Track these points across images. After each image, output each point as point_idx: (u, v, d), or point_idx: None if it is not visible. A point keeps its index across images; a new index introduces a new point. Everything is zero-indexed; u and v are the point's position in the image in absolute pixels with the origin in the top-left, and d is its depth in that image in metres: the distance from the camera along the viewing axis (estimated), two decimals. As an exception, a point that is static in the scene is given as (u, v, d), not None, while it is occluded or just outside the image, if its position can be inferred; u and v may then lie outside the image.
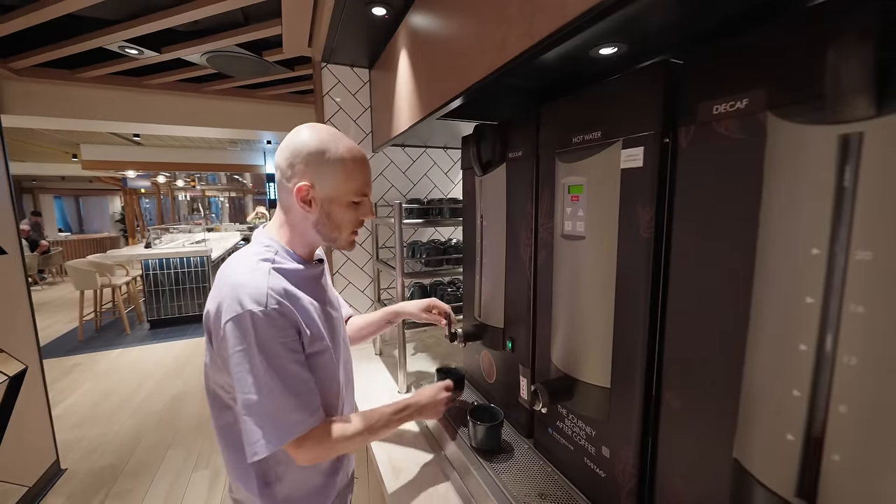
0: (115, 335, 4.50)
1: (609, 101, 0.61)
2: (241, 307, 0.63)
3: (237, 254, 0.72)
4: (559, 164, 0.72)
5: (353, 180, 0.73)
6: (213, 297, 0.68)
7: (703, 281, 0.50)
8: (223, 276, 0.68)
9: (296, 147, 0.70)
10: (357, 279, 1.68)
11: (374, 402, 1.23)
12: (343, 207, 0.73)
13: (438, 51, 0.94)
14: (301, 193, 0.70)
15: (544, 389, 0.68)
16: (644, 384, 0.60)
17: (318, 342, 0.72)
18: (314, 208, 0.72)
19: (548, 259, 0.78)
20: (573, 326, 0.70)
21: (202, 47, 1.66)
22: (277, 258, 0.72)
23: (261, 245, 0.73)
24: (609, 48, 0.68)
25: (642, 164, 0.56)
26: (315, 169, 0.70)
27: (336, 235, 0.76)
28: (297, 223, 0.74)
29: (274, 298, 0.65)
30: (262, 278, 0.66)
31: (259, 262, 0.69)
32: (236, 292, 0.64)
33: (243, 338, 0.63)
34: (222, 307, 0.65)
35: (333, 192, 0.72)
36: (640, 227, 0.57)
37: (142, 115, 2.38)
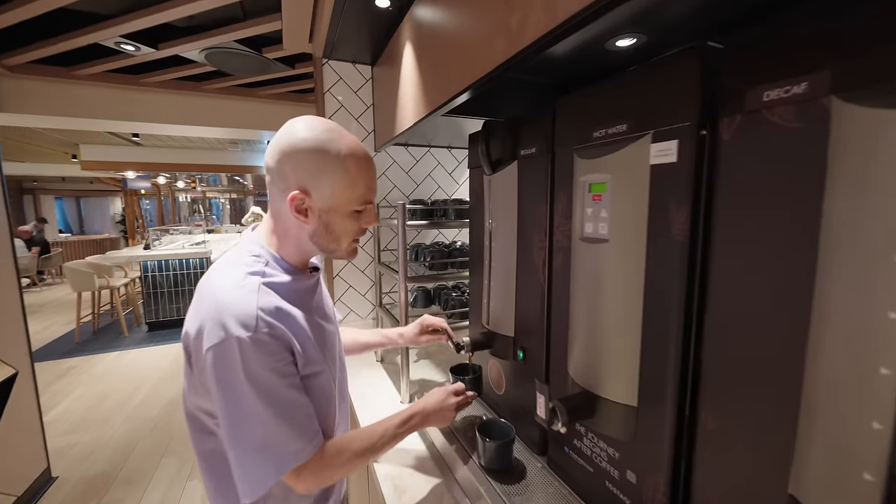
0: (112, 337, 4.44)
1: (636, 90, 0.56)
2: (225, 332, 0.54)
3: (221, 262, 0.64)
4: (578, 161, 0.66)
5: (356, 186, 0.64)
6: (193, 315, 0.59)
7: (752, 288, 0.44)
8: (205, 290, 0.60)
9: (288, 145, 0.61)
10: (358, 282, 1.63)
11: (374, 413, 1.17)
12: (344, 217, 0.65)
13: (445, 43, 0.89)
14: (295, 202, 0.62)
15: (563, 408, 0.62)
16: (677, 402, 0.54)
17: (314, 364, 0.64)
18: (310, 219, 0.63)
19: (564, 263, 0.72)
20: (594, 338, 0.65)
21: (200, 43, 1.61)
22: (268, 270, 0.63)
23: (248, 254, 0.64)
24: (627, 39, 0.62)
25: (676, 158, 0.50)
26: (311, 173, 0.61)
27: (335, 247, 0.68)
28: (290, 232, 0.66)
29: (265, 321, 0.56)
30: (250, 297, 0.57)
31: (247, 275, 0.60)
32: (220, 314, 0.55)
33: (229, 368, 0.55)
34: (203, 330, 0.56)
35: (333, 201, 0.63)
36: (673, 228, 0.51)
37: (140, 114, 2.34)
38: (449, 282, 1.42)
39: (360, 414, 1.18)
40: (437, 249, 1.34)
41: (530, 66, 0.71)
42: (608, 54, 0.69)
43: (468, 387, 0.89)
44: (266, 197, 0.70)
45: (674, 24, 0.57)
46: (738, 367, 0.46)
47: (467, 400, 0.86)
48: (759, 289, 0.43)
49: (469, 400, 0.86)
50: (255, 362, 0.55)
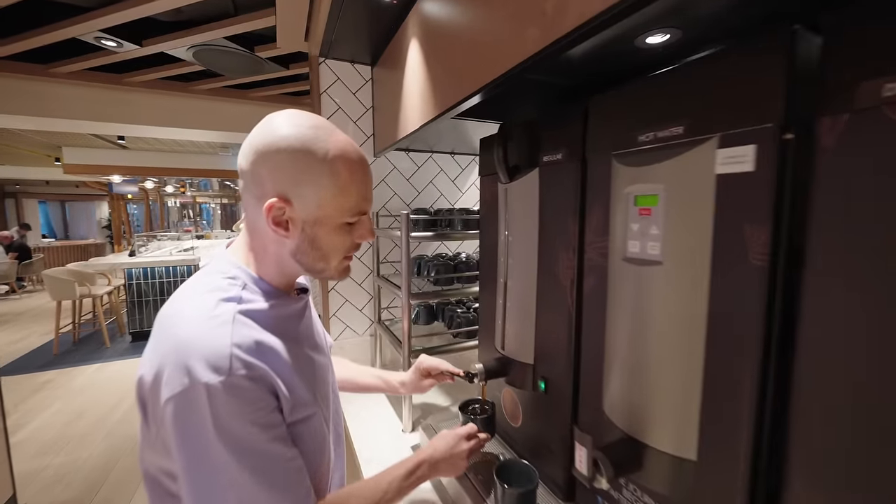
0: (93, 348, 4.24)
1: (697, 85, 0.47)
2: (189, 378, 0.43)
3: (188, 286, 0.53)
4: (619, 169, 0.57)
5: (348, 194, 0.53)
6: (150, 356, 0.48)
7: (873, 329, 0.35)
8: (165, 324, 0.48)
9: (265, 143, 0.50)
10: (355, 297, 1.52)
11: (373, 447, 1.06)
12: (332, 231, 0.54)
13: (461, 36, 0.80)
14: (272, 213, 0.51)
15: (608, 461, 0.52)
16: (751, 462, 0.44)
17: (304, 407, 0.53)
18: (291, 232, 0.53)
19: (599, 286, 0.63)
20: (639, 374, 0.55)
21: (187, 40, 1.51)
22: (246, 295, 0.52)
23: (222, 275, 0.53)
24: (659, 35, 0.55)
25: (754, 167, 0.42)
26: (293, 177, 0.50)
27: (322, 266, 0.56)
28: (269, 249, 0.55)
29: (241, 360, 0.45)
30: (222, 331, 0.46)
31: (219, 303, 0.49)
32: (183, 355, 0.44)
33: (195, 423, 0.44)
34: (162, 376, 0.45)
35: (320, 212, 0.52)
36: (750, 251, 0.43)
37: (124, 115, 2.21)
38: (452, 297, 1.32)
39: (357, 448, 1.07)
40: (442, 263, 1.24)
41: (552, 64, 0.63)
42: (637, 53, 0.62)
43: (480, 427, 0.79)
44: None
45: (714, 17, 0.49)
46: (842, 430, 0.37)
47: (480, 444, 0.76)
48: (879, 331, 0.34)
49: (482, 443, 0.77)
50: (229, 414, 0.44)
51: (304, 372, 0.55)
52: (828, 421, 0.38)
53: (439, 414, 1.14)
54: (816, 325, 0.39)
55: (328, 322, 1.49)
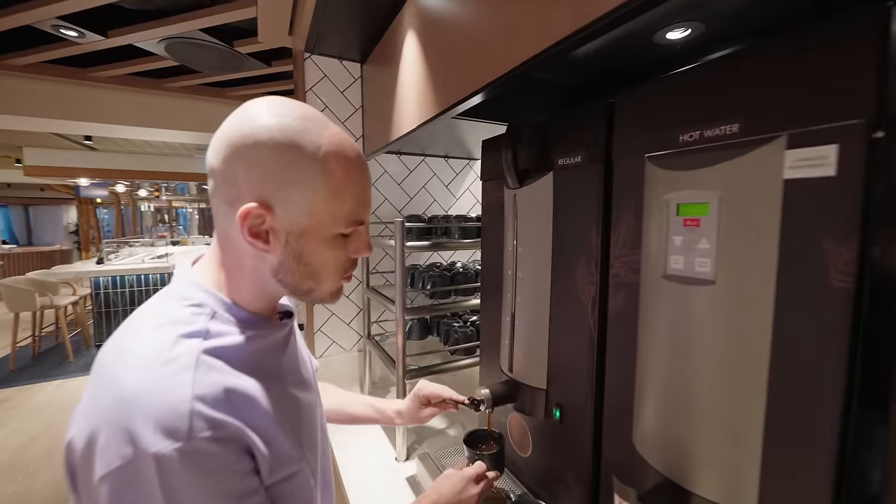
0: (55, 363, 3.95)
1: (759, 75, 0.40)
2: (133, 448, 0.33)
3: (138, 315, 0.43)
4: (655, 174, 0.50)
5: (343, 199, 0.44)
6: (83, 413, 0.37)
7: None
8: (105, 369, 0.39)
9: (242, 136, 0.41)
10: (342, 310, 1.42)
11: (363, 477, 0.96)
12: (324, 243, 0.45)
13: (462, 32, 0.72)
14: (250, 221, 0.41)
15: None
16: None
17: (289, 463, 0.44)
18: (273, 246, 0.43)
19: (628, 305, 0.56)
20: (682, 408, 0.48)
21: (158, 32, 1.38)
22: (215, 326, 0.42)
23: (183, 302, 0.43)
24: (679, 30, 0.50)
25: (836, 171, 0.35)
26: (276, 178, 0.41)
27: (311, 286, 0.47)
28: (245, 265, 0.45)
29: (206, 419, 0.36)
30: (180, 381, 0.36)
31: (178, 340, 0.39)
32: (126, 415, 0.34)
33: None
34: (95, 443, 0.35)
35: (309, 220, 0.43)
36: (831, 270, 0.36)
37: (89, 113, 2.05)
38: (448, 310, 1.23)
39: (345, 481, 0.96)
40: (439, 274, 1.15)
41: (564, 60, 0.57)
42: (655, 49, 0.56)
43: (489, 465, 0.70)
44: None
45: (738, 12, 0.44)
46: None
47: (489, 485, 0.68)
48: None
49: (491, 483, 0.68)
50: (189, 491, 0.34)
51: (289, 418, 0.46)
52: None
53: (436, 440, 1.05)
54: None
55: (312, 338, 1.38)
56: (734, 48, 0.53)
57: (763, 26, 0.48)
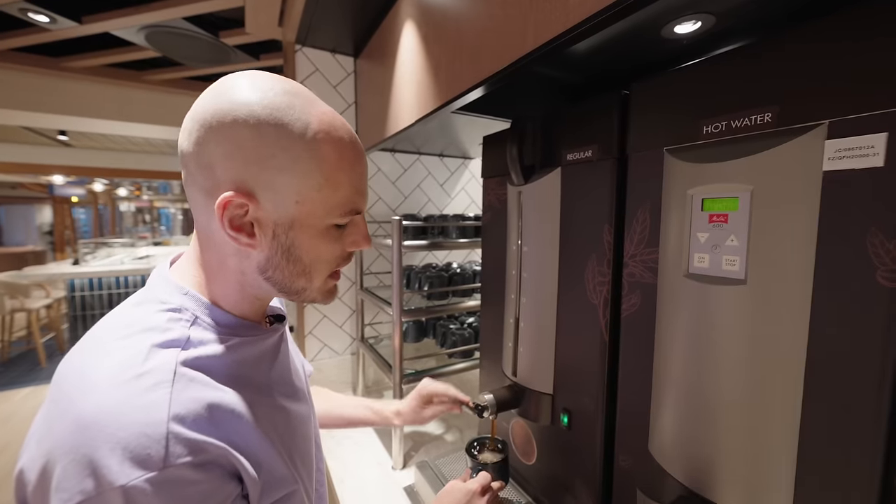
0: (26, 370, 3.76)
1: (797, 58, 0.38)
2: (95, 480, 0.28)
3: (104, 323, 0.38)
4: (676, 167, 0.48)
5: (338, 184, 0.39)
6: (38, 439, 0.32)
7: None
8: (64, 387, 0.33)
9: (218, 114, 0.35)
10: (334, 312, 1.36)
11: (357, 486, 0.91)
12: (317, 235, 0.40)
13: (465, 23, 0.69)
14: (230, 212, 0.36)
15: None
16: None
17: (280, 486, 0.39)
18: (259, 240, 0.38)
19: (644, 306, 0.53)
20: (706, 416, 0.45)
21: (137, 19, 1.31)
22: (196, 334, 0.37)
23: (159, 306, 0.38)
24: (689, 23, 0.48)
25: (883, 162, 0.33)
26: (259, 161, 0.36)
27: (302, 285, 0.42)
28: (231, 263, 0.40)
29: (185, 443, 0.31)
30: (154, 399, 0.31)
31: (152, 350, 0.34)
32: (88, 442, 0.29)
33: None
34: (51, 478, 0.30)
35: (299, 209, 0.38)
36: (879, 269, 0.33)
37: (62, 105, 1.94)
38: (445, 312, 1.19)
39: (338, 488, 0.91)
40: (436, 275, 1.11)
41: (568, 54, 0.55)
42: (662, 43, 0.54)
43: (494, 475, 0.67)
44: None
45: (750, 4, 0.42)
46: None
47: (495, 497, 0.64)
48: None
49: (497, 495, 0.65)
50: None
51: (280, 435, 0.41)
52: None
53: (433, 446, 1.01)
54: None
55: (303, 341, 1.32)
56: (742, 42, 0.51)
57: (774, 20, 0.47)
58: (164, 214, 10.56)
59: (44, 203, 9.60)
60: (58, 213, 7.93)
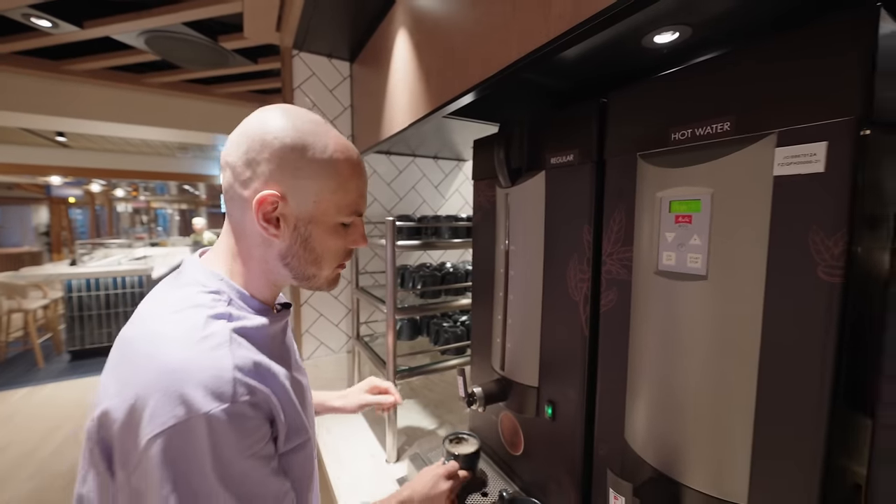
0: (23, 370, 3.76)
1: (749, 74, 0.41)
2: (186, 409, 0.38)
3: (155, 303, 0.47)
4: (647, 171, 0.51)
5: (347, 191, 0.51)
6: (120, 388, 0.40)
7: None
8: (139, 348, 0.42)
9: (261, 137, 0.47)
10: (330, 311, 1.39)
11: (354, 477, 0.94)
12: (327, 231, 0.52)
13: (455, 31, 0.72)
14: (264, 207, 0.47)
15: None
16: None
17: (298, 434, 0.49)
18: (283, 231, 0.49)
19: (620, 302, 0.56)
20: (674, 403, 0.48)
21: (138, 24, 1.34)
22: (234, 311, 0.47)
23: (201, 289, 0.48)
24: (668, 34, 0.52)
25: (824, 168, 0.36)
26: (291, 171, 0.48)
27: (314, 272, 0.53)
28: (256, 253, 0.51)
29: (245, 385, 0.41)
30: (221, 353, 0.41)
31: (209, 320, 0.44)
32: (176, 382, 0.38)
33: (192, 461, 0.38)
34: (144, 411, 0.38)
35: (316, 209, 0.50)
36: (820, 265, 0.37)
37: (62, 107, 1.96)
38: (438, 310, 1.22)
39: (333, 480, 0.94)
40: (429, 274, 1.15)
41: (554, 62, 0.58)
42: (642, 53, 0.57)
43: (462, 464, 0.75)
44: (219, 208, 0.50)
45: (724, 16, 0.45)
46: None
47: (459, 483, 0.73)
48: None
49: (461, 481, 0.74)
50: (230, 448, 0.39)
51: (297, 395, 0.51)
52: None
53: (426, 441, 1.04)
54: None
55: (300, 340, 1.35)
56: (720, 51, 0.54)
57: (748, 31, 0.50)
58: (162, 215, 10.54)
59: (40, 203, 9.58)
60: (55, 213, 7.92)
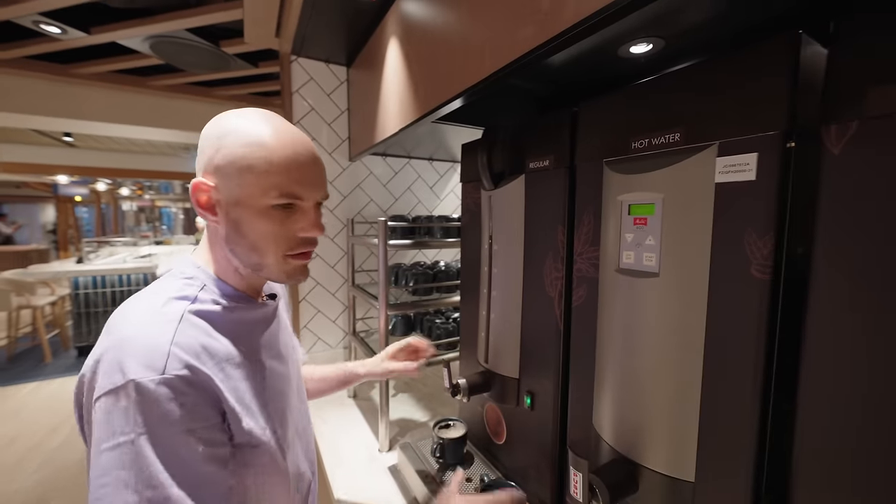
0: (31, 365, 3.84)
1: (696, 90, 0.45)
2: (121, 375, 0.40)
3: (145, 289, 0.51)
4: (611, 177, 0.55)
5: (271, 169, 0.47)
6: (92, 356, 0.45)
7: (874, 350, 0.33)
8: (111, 322, 0.47)
9: (207, 132, 0.50)
10: (328, 307, 1.44)
11: (348, 468, 0.99)
12: (256, 215, 0.48)
13: (441, 38, 0.76)
14: (197, 195, 0.49)
15: (603, 486, 0.49)
16: (752, 483, 0.42)
17: (255, 424, 0.49)
18: (220, 217, 0.50)
19: (589, 298, 0.60)
20: (634, 391, 0.52)
21: (143, 30, 1.39)
22: (203, 295, 0.50)
23: (180, 277, 0.51)
24: (642, 45, 0.55)
25: (755, 176, 0.40)
26: (221, 155, 0.48)
27: (256, 260, 0.50)
28: (215, 244, 0.53)
29: (179, 360, 0.42)
30: (165, 329, 0.44)
31: (169, 300, 0.47)
32: (120, 351, 0.42)
33: (122, 424, 0.40)
34: (97, 374, 0.42)
35: (241, 192, 0.47)
36: (752, 263, 0.41)
37: (69, 109, 2.02)
38: (430, 307, 1.27)
39: (329, 469, 0.99)
40: (421, 272, 1.19)
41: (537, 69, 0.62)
42: (620, 62, 0.61)
43: (449, 448, 0.82)
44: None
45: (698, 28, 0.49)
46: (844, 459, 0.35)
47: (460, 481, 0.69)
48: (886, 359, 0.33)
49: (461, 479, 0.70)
50: (161, 419, 0.40)
51: (256, 381, 0.52)
52: (834, 443, 0.36)
53: (418, 432, 1.08)
54: (822, 342, 0.37)
55: (299, 335, 1.40)
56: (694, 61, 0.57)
57: (714, 44, 0.53)
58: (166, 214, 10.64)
59: (47, 202, 9.70)
60: (61, 212, 8.02)
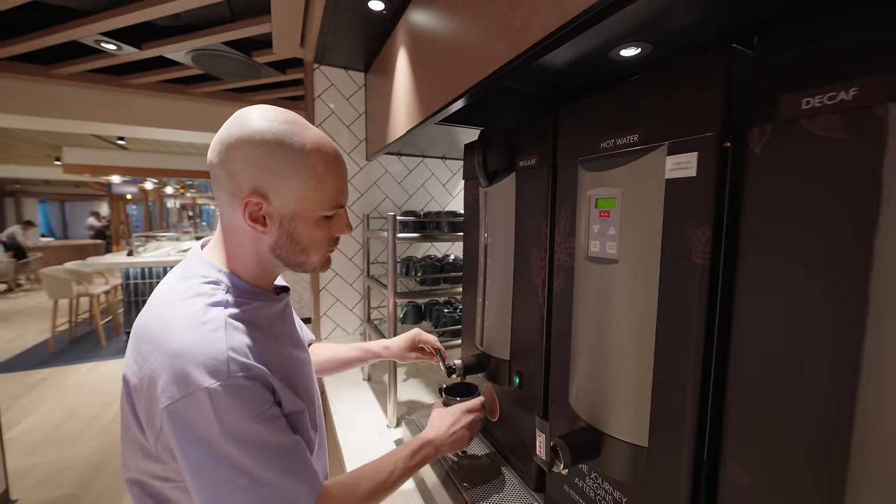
0: (89, 347, 4.26)
1: (650, 97, 0.51)
2: (188, 386, 0.45)
3: (163, 291, 0.53)
4: (583, 174, 0.61)
5: (325, 188, 0.54)
6: (137, 365, 0.48)
7: (789, 320, 0.38)
8: (152, 333, 0.49)
9: (238, 138, 0.50)
10: (346, 296, 1.55)
11: (358, 438, 1.09)
12: (311, 224, 0.55)
13: (441, 47, 0.84)
14: (250, 208, 0.51)
15: (566, 447, 0.55)
16: (695, 446, 0.48)
17: (296, 403, 0.55)
18: (270, 228, 0.53)
19: (566, 284, 0.66)
20: (599, 368, 0.58)
21: (186, 44, 1.55)
22: (231, 298, 0.53)
23: (202, 279, 0.53)
24: (631, 48, 0.60)
25: (696, 173, 0.45)
26: (269, 171, 0.50)
27: (303, 260, 0.58)
28: (247, 246, 0.56)
29: (238, 363, 0.47)
30: (216, 337, 0.48)
31: (208, 308, 0.50)
32: (178, 363, 0.45)
33: (200, 426, 0.45)
34: (156, 384, 0.46)
35: (298, 206, 0.53)
36: (693, 251, 0.46)
37: (124, 116, 2.26)
38: (440, 297, 1.35)
39: (342, 440, 1.09)
40: (429, 263, 1.27)
41: (529, 72, 0.68)
42: (612, 65, 0.66)
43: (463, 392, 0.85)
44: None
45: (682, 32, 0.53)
46: (771, 416, 0.40)
47: (481, 416, 0.78)
48: (798, 323, 0.38)
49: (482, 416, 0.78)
50: (233, 414, 0.46)
51: (289, 369, 0.57)
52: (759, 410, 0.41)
53: (424, 410, 1.17)
54: (750, 320, 0.42)
55: (318, 321, 1.52)
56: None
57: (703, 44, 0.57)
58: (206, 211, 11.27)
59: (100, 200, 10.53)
60: (114, 209, 8.70)
